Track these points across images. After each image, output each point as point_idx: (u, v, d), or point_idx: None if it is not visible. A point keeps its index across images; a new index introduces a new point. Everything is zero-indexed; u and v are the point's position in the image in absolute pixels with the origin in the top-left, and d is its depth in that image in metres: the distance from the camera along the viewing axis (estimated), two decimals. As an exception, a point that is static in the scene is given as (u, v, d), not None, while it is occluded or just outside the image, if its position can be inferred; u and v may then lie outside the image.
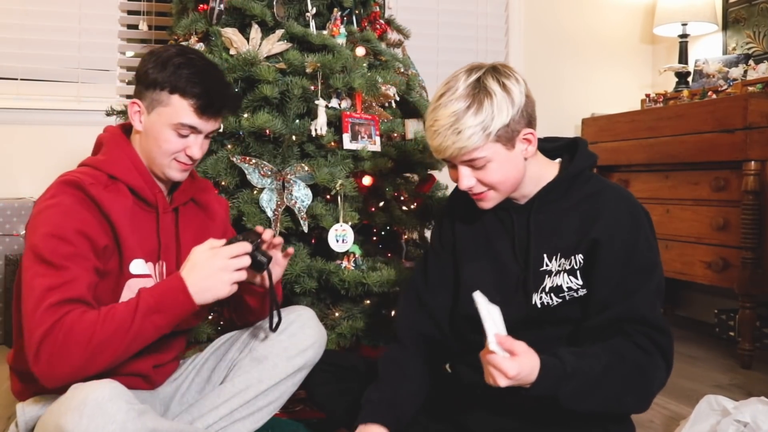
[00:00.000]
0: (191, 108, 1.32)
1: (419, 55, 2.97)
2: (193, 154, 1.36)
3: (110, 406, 1.04)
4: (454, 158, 1.27)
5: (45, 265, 1.17)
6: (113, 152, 1.35)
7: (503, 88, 1.24)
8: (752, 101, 2.32)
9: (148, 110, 1.34)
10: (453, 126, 1.22)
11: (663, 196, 2.72)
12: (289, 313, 1.50)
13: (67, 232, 1.20)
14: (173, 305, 1.19)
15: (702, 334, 2.92)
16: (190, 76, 1.32)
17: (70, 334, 1.11)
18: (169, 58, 1.34)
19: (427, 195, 2.17)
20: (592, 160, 1.37)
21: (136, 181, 1.34)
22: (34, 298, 1.15)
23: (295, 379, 1.46)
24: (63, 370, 1.12)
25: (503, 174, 1.27)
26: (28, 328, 1.13)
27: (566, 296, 1.30)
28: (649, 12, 3.57)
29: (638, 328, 1.25)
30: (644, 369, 1.23)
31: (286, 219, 1.81)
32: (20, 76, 2.82)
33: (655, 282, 1.28)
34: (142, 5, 2.91)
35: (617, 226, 1.27)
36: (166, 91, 1.32)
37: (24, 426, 1.23)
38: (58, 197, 1.23)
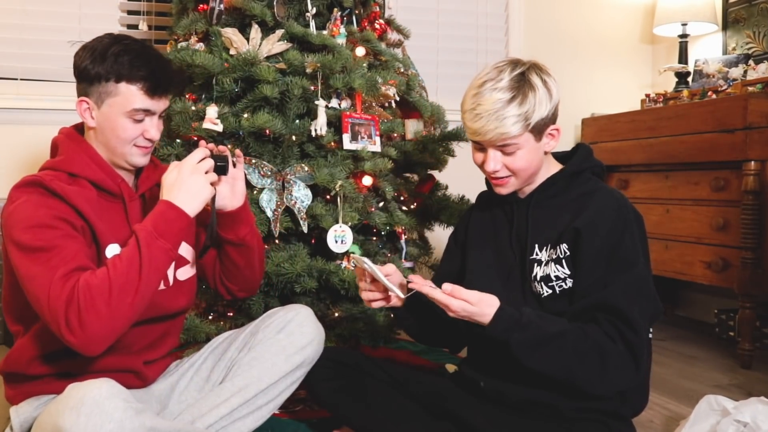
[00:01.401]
0: (141, 91, 1.33)
1: (419, 55, 2.97)
2: (152, 136, 1.38)
3: (108, 405, 1.04)
4: (491, 142, 1.34)
5: (36, 253, 1.18)
6: (69, 151, 1.36)
7: (544, 84, 1.34)
8: (752, 101, 2.32)
9: (98, 104, 1.35)
10: (498, 112, 1.30)
11: (663, 196, 2.72)
12: (286, 312, 1.51)
13: (45, 220, 1.22)
14: (170, 224, 1.23)
15: (702, 334, 2.92)
16: (132, 60, 1.33)
17: (89, 292, 1.13)
18: (105, 49, 1.33)
19: (427, 195, 2.17)
20: (593, 164, 1.44)
21: (96, 175, 1.35)
22: (40, 283, 1.16)
23: (295, 376, 1.46)
24: (96, 327, 1.13)
25: (527, 162, 1.36)
26: (48, 308, 1.14)
27: (555, 286, 1.35)
28: (649, 12, 3.57)
29: (609, 319, 1.27)
30: (604, 352, 1.25)
31: (286, 219, 1.81)
32: (20, 76, 2.82)
33: (635, 278, 1.29)
34: (142, 5, 2.91)
35: (600, 218, 1.32)
36: (111, 81, 1.32)
37: (19, 427, 1.23)
38: (23, 197, 1.25)
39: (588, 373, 1.26)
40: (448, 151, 2.24)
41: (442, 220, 2.17)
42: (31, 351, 1.29)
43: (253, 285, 1.56)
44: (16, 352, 1.31)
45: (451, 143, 2.27)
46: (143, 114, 1.35)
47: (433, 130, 2.26)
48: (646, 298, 1.31)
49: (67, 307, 1.13)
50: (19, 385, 1.31)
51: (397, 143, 2.11)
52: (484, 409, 1.37)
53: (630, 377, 1.28)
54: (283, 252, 1.82)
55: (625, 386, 1.31)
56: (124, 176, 1.41)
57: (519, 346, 1.26)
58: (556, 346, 1.26)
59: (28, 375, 1.30)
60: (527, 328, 1.26)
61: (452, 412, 1.40)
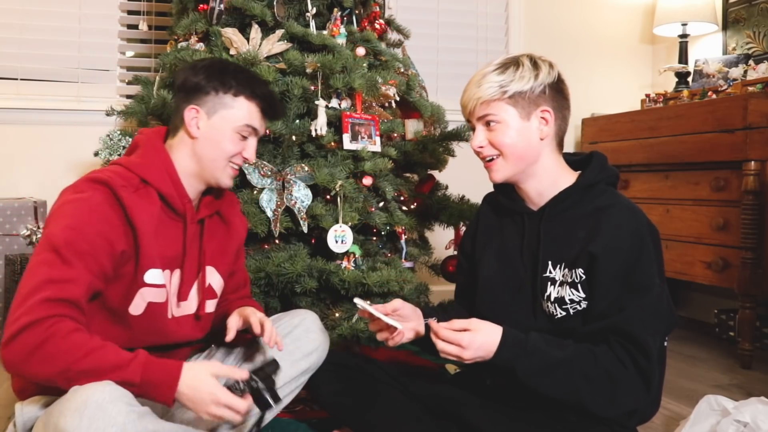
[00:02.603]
0: (257, 109, 1.39)
1: (419, 55, 2.97)
2: (249, 156, 1.40)
3: (111, 408, 1.04)
4: (472, 114, 1.37)
5: (54, 255, 1.16)
6: (149, 156, 1.34)
7: (533, 63, 1.36)
8: (752, 101, 2.32)
9: (209, 114, 1.36)
10: (477, 82, 1.36)
11: (663, 196, 2.72)
12: (293, 317, 1.52)
13: (88, 230, 1.19)
14: (153, 393, 1.14)
15: (702, 334, 2.92)
16: (251, 79, 1.40)
17: (46, 344, 1.09)
18: (223, 66, 1.40)
19: (426, 195, 2.17)
20: (608, 174, 1.39)
21: (167, 188, 1.33)
22: (32, 285, 1.13)
23: (299, 382, 1.48)
24: (25, 371, 1.11)
25: (512, 139, 1.34)
26: (15, 312, 1.11)
27: (569, 309, 1.32)
28: (649, 12, 3.57)
29: (621, 343, 1.25)
30: (614, 377, 1.24)
31: (286, 219, 1.81)
32: (20, 76, 2.82)
33: (650, 302, 1.27)
34: (142, 5, 2.91)
35: (617, 242, 1.28)
36: (229, 94, 1.36)
37: (22, 426, 1.23)
38: (87, 192, 1.23)
39: (597, 398, 1.25)
40: (448, 151, 2.23)
41: (442, 220, 2.16)
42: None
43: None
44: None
45: (451, 143, 2.26)
46: (250, 132, 1.39)
47: (433, 130, 2.26)
48: (660, 319, 1.29)
49: (24, 329, 1.09)
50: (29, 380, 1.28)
51: (397, 143, 2.11)
52: (486, 410, 1.37)
53: (640, 400, 1.27)
54: (284, 252, 1.82)
55: (634, 408, 1.30)
56: (192, 197, 1.40)
57: (526, 374, 1.25)
58: (564, 372, 1.24)
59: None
60: (533, 354, 1.25)
61: (454, 413, 1.40)
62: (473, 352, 1.24)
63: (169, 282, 1.35)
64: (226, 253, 1.49)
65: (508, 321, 1.38)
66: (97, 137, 2.04)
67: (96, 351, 1.11)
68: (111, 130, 2.01)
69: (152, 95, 1.96)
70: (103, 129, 2.14)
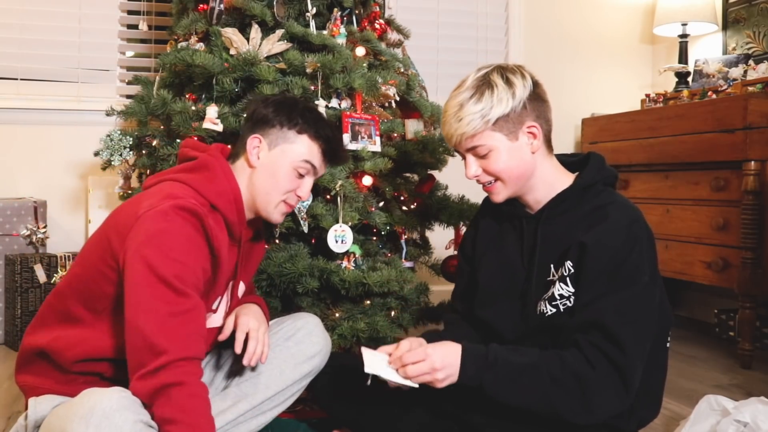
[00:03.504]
0: (319, 150, 1.40)
1: (419, 55, 2.97)
2: (303, 195, 1.41)
3: (117, 417, 1.03)
4: (459, 146, 1.34)
5: (165, 287, 1.14)
6: (220, 181, 1.33)
7: (506, 81, 1.30)
8: (752, 101, 2.32)
9: (270, 147, 1.38)
10: (456, 114, 1.31)
11: (663, 196, 2.72)
12: (296, 320, 1.52)
13: (191, 261, 1.19)
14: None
15: (702, 334, 2.92)
16: (318, 120, 1.42)
17: (176, 389, 1.09)
18: (293, 103, 1.43)
19: (426, 195, 2.17)
20: (605, 175, 1.37)
21: (232, 216, 1.34)
22: (157, 322, 1.11)
23: (301, 384, 1.48)
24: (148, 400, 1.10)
25: (506, 164, 1.32)
26: (153, 350, 1.10)
27: (559, 305, 1.30)
28: (649, 12, 3.57)
29: (592, 341, 1.22)
30: (582, 378, 1.20)
31: (287, 219, 1.81)
32: (20, 76, 2.82)
33: (633, 297, 1.24)
34: (142, 5, 2.91)
35: (609, 235, 1.26)
36: (294, 130, 1.38)
37: (33, 423, 1.21)
38: (178, 222, 1.20)
39: (569, 403, 1.21)
40: (448, 151, 2.23)
41: (442, 220, 2.16)
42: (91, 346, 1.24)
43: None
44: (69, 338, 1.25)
45: (451, 143, 2.26)
46: (308, 170, 1.40)
47: (433, 130, 2.26)
48: (646, 317, 1.25)
49: (165, 368, 1.09)
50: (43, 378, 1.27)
51: (397, 143, 2.11)
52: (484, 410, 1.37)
53: (618, 401, 1.23)
54: (284, 252, 1.82)
55: (614, 411, 1.25)
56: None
57: (492, 386, 1.22)
58: (529, 377, 1.22)
59: (65, 369, 1.25)
60: (496, 363, 1.22)
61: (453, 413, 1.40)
62: (444, 372, 1.21)
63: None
64: (252, 266, 1.54)
65: (508, 325, 1.38)
66: (97, 137, 2.04)
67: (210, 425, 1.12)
68: (111, 130, 2.01)
69: (152, 95, 1.96)
70: (103, 129, 2.14)
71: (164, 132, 1.94)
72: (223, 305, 1.43)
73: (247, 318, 1.38)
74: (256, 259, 1.55)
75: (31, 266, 2.41)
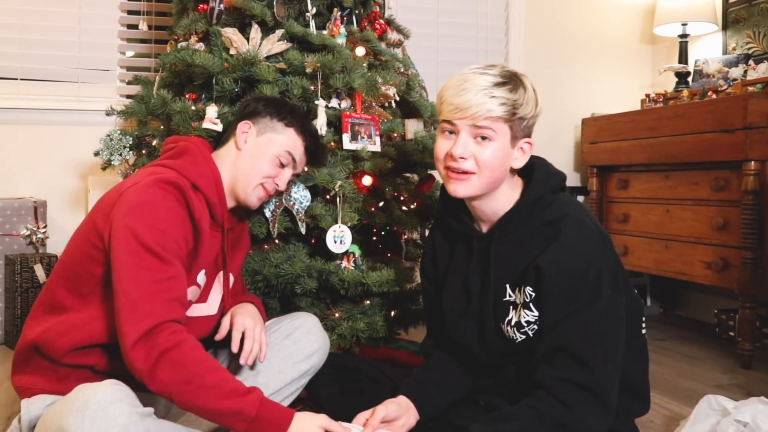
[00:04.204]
0: (302, 144, 1.51)
1: (419, 55, 2.97)
2: (280, 184, 1.48)
3: (113, 409, 1.04)
4: (472, 118, 1.25)
5: (150, 255, 1.19)
6: (200, 163, 1.40)
7: (534, 91, 1.31)
8: (752, 101, 2.32)
9: (259, 133, 1.48)
10: (487, 90, 1.24)
11: (663, 196, 2.72)
12: (294, 318, 1.53)
13: (173, 230, 1.24)
14: (262, 430, 1.14)
15: (702, 334, 2.92)
16: (305, 119, 1.55)
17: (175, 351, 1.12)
18: (283, 102, 1.57)
19: (426, 195, 2.17)
20: (551, 184, 1.34)
21: (214, 197, 1.39)
22: (141, 287, 1.16)
23: (300, 383, 1.49)
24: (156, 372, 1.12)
25: (495, 159, 1.27)
26: (132, 312, 1.14)
27: (528, 331, 1.29)
28: (649, 12, 3.57)
29: (562, 369, 1.21)
30: (565, 426, 1.20)
31: (285, 220, 1.81)
32: (20, 76, 2.82)
33: (596, 314, 1.22)
34: (142, 5, 2.91)
35: (563, 255, 1.24)
36: (283, 123, 1.49)
37: (27, 424, 1.22)
38: (160, 193, 1.26)
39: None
40: (448, 151, 2.23)
41: (442, 220, 2.16)
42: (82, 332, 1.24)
43: None
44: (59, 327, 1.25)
45: (451, 143, 2.26)
46: (288, 161, 1.48)
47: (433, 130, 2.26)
48: (613, 331, 1.24)
49: (154, 332, 1.13)
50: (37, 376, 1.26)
51: (397, 143, 2.11)
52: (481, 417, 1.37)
53: (602, 422, 1.22)
54: (282, 253, 1.82)
55: (605, 427, 1.23)
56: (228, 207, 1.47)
57: None
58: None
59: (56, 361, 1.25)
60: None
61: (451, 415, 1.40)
62: None
63: (202, 285, 1.41)
64: (238, 261, 1.56)
65: (473, 348, 1.38)
66: (97, 137, 2.04)
67: (220, 371, 1.16)
68: (111, 130, 2.01)
69: (152, 95, 1.96)
70: (103, 129, 2.14)
71: (164, 132, 1.94)
72: (215, 295, 1.45)
73: (242, 317, 1.40)
74: (242, 252, 1.59)
75: (31, 266, 2.41)
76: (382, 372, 1.54)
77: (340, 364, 1.56)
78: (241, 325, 1.38)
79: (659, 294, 3.38)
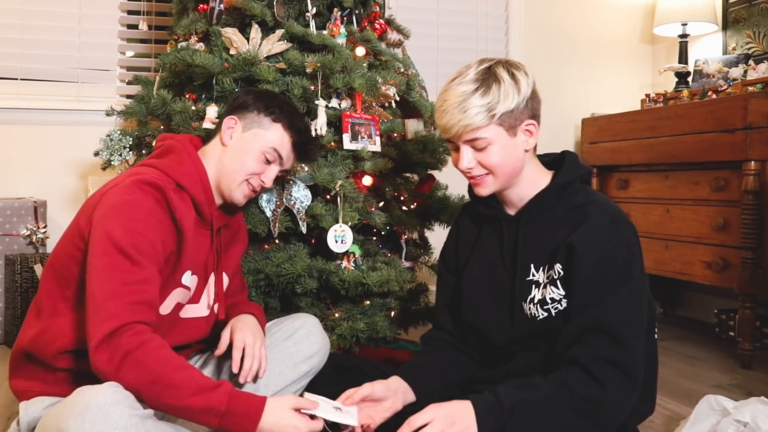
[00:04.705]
0: (289, 140, 1.46)
1: (419, 55, 2.97)
2: (266, 182, 1.44)
3: (113, 411, 1.04)
4: (458, 136, 1.30)
5: (122, 257, 1.17)
6: (185, 162, 1.38)
7: (512, 76, 1.29)
8: (752, 101, 2.32)
9: (245, 129, 1.44)
10: (460, 105, 1.27)
11: (663, 196, 2.72)
12: (294, 320, 1.54)
13: (149, 232, 1.22)
14: (235, 423, 1.13)
15: (702, 334, 2.92)
16: (293, 113, 1.49)
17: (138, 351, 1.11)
18: (273, 95, 1.52)
19: (426, 195, 2.17)
20: (581, 172, 1.38)
21: (200, 196, 1.37)
22: (109, 289, 1.15)
23: (300, 384, 1.49)
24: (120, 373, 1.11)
25: (502, 158, 1.31)
26: (100, 314, 1.13)
27: (551, 309, 1.30)
28: (649, 12, 3.57)
29: (596, 346, 1.22)
30: (598, 403, 1.20)
31: (286, 219, 1.81)
32: (20, 76, 2.82)
33: (628, 294, 1.24)
34: (142, 5, 2.91)
35: (594, 233, 1.27)
36: (269, 118, 1.44)
37: (26, 426, 1.22)
38: (139, 194, 1.24)
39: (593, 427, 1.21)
40: (448, 151, 2.23)
41: (442, 220, 2.16)
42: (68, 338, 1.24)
43: None
44: (47, 333, 1.25)
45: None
46: (275, 158, 1.44)
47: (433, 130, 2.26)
48: (640, 311, 1.27)
49: (117, 334, 1.11)
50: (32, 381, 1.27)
51: (397, 143, 2.11)
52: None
53: (631, 400, 1.23)
54: (283, 252, 1.82)
55: (630, 409, 1.25)
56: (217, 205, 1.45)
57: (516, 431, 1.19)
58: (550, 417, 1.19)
59: (50, 366, 1.25)
60: (513, 412, 1.19)
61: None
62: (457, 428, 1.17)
63: (194, 287, 1.40)
64: (232, 258, 1.54)
65: (495, 329, 1.39)
66: (97, 137, 2.04)
67: (186, 369, 1.14)
68: (111, 130, 2.01)
69: (152, 95, 1.96)
70: (103, 129, 2.14)
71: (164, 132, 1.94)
72: (207, 296, 1.45)
73: (242, 333, 1.39)
74: (238, 253, 1.57)
75: (31, 266, 2.41)
76: (382, 372, 1.53)
77: (341, 364, 1.56)
78: (240, 342, 1.37)
79: (659, 294, 3.37)
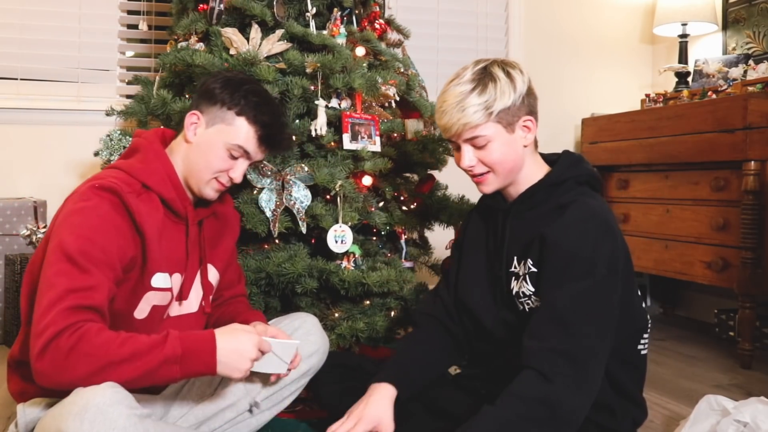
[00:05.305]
0: (254, 135, 1.38)
1: (419, 55, 2.97)
2: (235, 177, 1.40)
3: (112, 412, 1.04)
4: (458, 135, 1.34)
5: (70, 264, 1.15)
6: (150, 161, 1.34)
7: (507, 75, 1.34)
8: (752, 101, 2.32)
9: (208, 124, 1.38)
10: (459, 104, 1.31)
11: (663, 196, 2.72)
12: (293, 320, 1.53)
13: (100, 239, 1.19)
14: (195, 363, 1.15)
15: (702, 334, 2.92)
16: (259, 104, 1.39)
17: (80, 344, 1.09)
18: (240, 83, 1.40)
19: (426, 195, 2.17)
20: (578, 173, 1.39)
21: (169, 193, 1.34)
22: (53, 296, 1.12)
23: (299, 383, 1.49)
24: (65, 376, 1.09)
25: (502, 155, 1.35)
26: (40, 323, 1.10)
27: (524, 302, 1.33)
28: (649, 12, 3.57)
29: (550, 332, 1.22)
30: (547, 400, 1.18)
31: (286, 219, 1.81)
32: (20, 76, 2.82)
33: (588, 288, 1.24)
34: (142, 5, 2.91)
35: (565, 227, 1.29)
36: (232, 111, 1.37)
37: (24, 427, 1.22)
38: (94, 200, 1.22)
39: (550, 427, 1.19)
40: (448, 151, 2.23)
41: (442, 220, 2.17)
42: None
43: None
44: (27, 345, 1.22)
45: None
46: (241, 154, 1.39)
47: (433, 130, 2.26)
48: (603, 310, 1.25)
49: (52, 340, 1.08)
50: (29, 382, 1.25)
51: (397, 143, 2.11)
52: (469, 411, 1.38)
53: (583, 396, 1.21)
54: (284, 252, 1.82)
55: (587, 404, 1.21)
56: (191, 199, 1.42)
57: None
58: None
59: None
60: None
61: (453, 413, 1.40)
62: None
63: (175, 285, 1.37)
64: (223, 249, 1.51)
65: (485, 311, 1.43)
66: (97, 137, 2.04)
67: (130, 339, 1.13)
68: (111, 130, 2.01)
69: (152, 95, 1.96)
70: (103, 129, 2.14)
71: (164, 132, 1.94)
72: (195, 292, 1.43)
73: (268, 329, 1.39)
74: (229, 242, 1.54)
75: (31, 266, 2.41)
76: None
77: (343, 363, 1.57)
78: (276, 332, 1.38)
79: (659, 294, 3.38)
